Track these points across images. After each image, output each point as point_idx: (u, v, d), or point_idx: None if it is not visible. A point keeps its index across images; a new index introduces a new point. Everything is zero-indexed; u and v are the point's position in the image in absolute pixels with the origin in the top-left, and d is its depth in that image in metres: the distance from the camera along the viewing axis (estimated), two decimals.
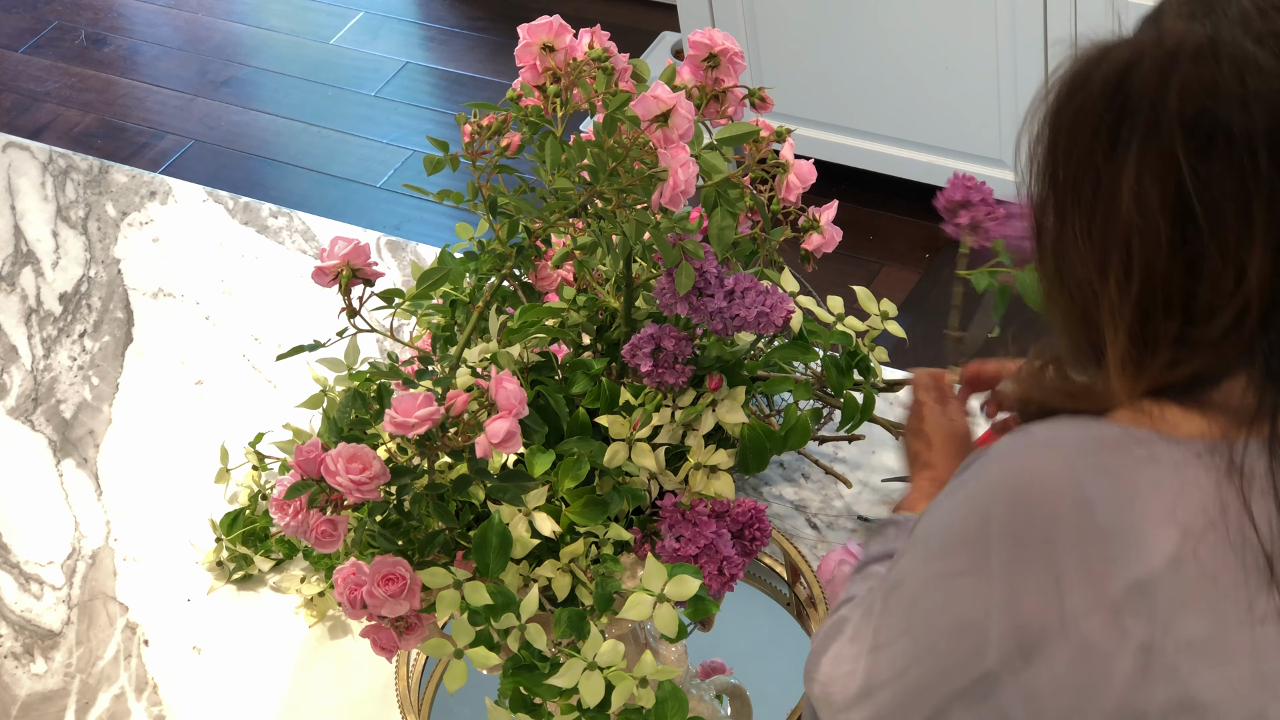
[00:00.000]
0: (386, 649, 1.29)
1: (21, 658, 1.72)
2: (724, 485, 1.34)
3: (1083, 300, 1.07)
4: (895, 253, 3.27)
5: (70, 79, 4.09)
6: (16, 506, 1.87)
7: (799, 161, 1.34)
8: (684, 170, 1.19)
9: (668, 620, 1.24)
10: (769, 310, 1.28)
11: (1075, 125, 1.07)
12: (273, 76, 4.02)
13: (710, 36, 1.36)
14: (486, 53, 3.98)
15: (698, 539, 1.29)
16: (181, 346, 2.02)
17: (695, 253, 1.26)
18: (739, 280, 1.28)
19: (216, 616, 1.72)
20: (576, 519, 1.30)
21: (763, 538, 1.34)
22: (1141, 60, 1.06)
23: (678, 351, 1.30)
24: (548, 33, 1.32)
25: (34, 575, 1.80)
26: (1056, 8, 2.84)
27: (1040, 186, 1.10)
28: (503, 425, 1.18)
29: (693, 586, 1.24)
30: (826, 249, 1.40)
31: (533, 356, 1.36)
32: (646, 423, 1.32)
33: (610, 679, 1.24)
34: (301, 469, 1.23)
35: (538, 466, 1.30)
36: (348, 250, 1.29)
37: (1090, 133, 1.05)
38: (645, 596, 1.24)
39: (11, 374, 2.03)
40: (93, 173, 2.28)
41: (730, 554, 1.30)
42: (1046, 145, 1.09)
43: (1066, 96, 1.08)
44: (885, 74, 3.10)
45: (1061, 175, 1.08)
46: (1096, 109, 1.06)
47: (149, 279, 2.12)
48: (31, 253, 2.19)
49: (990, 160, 3.13)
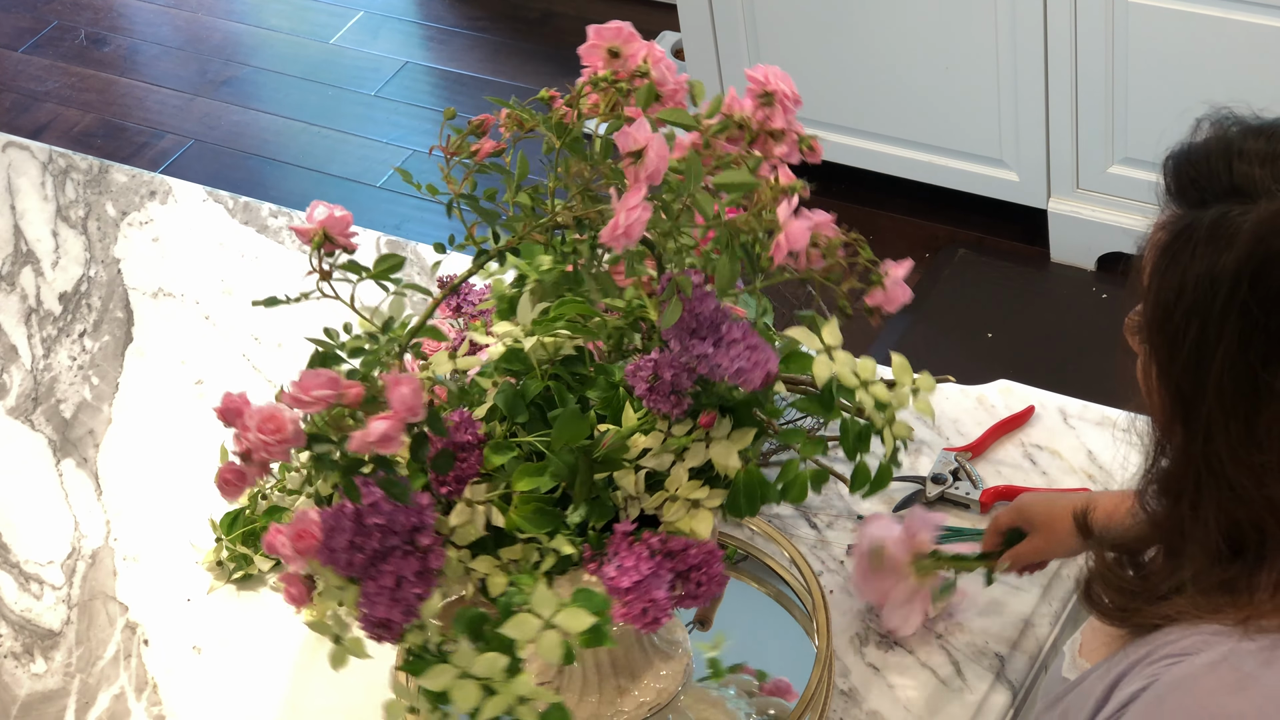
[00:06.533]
0: (296, 600, 1.30)
1: (21, 658, 1.72)
2: (701, 523, 1.28)
3: (1248, 510, 1.03)
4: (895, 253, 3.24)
5: (70, 79, 4.09)
6: (16, 506, 1.87)
7: (795, 222, 1.24)
8: (628, 215, 1.15)
9: (551, 646, 1.21)
10: (749, 368, 1.23)
11: (1206, 336, 1.01)
12: (273, 76, 4.02)
13: (766, 75, 1.30)
14: (486, 53, 3.98)
15: (634, 573, 1.24)
16: (181, 346, 2.02)
17: (684, 288, 1.21)
18: (732, 329, 1.23)
19: (216, 616, 1.72)
20: (520, 522, 1.27)
21: (710, 585, 1.28)
22: None
23: (675, 383, 1.25)
24: (616, 38, 1.29)
25: (34, 575, 1.80)
26: (1056, 8, 2.84)
27: (1165, 401, 1.05)
28: (381, 426, 1.16)
29: (585, 622, 1.20)
30: (888, 308, 1.30)
31: (567, 349, 1.34)
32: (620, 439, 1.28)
33: (491, 687, 1.21)
34: (221, 415, 1.22)
35: (494, 460, 1.28)
36: (325, 217, 1.29)
37: (1235, 341, 1.00)
38: (531, 619, 1.21)
39: (11, 374, 2.03)
40: (93, 172, 2.28)
41: (660, 597, 1.24)
42: (1161, 362, 1.04)
43: (1176, 300, 1.02)
44: (885, 74, 3.10)
45: (1197, 392, 1.02)
46: (1234, 314, 1.00)
47: (149, 279, 2.12)
48: (31, 253, 2.19)
49: (990, 160, 3.13)
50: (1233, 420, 1.01)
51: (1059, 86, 2.94)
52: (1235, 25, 2.71)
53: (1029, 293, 3.15)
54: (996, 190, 3.17)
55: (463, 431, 1.28)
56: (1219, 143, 1.06)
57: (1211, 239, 1.00)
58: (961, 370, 1.55)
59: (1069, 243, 3.13)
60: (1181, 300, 1.02)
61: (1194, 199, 1.05)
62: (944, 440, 1.76)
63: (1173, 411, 1.05)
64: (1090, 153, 2.99)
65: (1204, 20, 2.73)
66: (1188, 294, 1.01)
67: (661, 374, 1.24)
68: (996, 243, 3.25)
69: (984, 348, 3.03)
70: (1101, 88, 2.89)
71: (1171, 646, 1.08)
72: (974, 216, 3.28)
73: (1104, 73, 2.87)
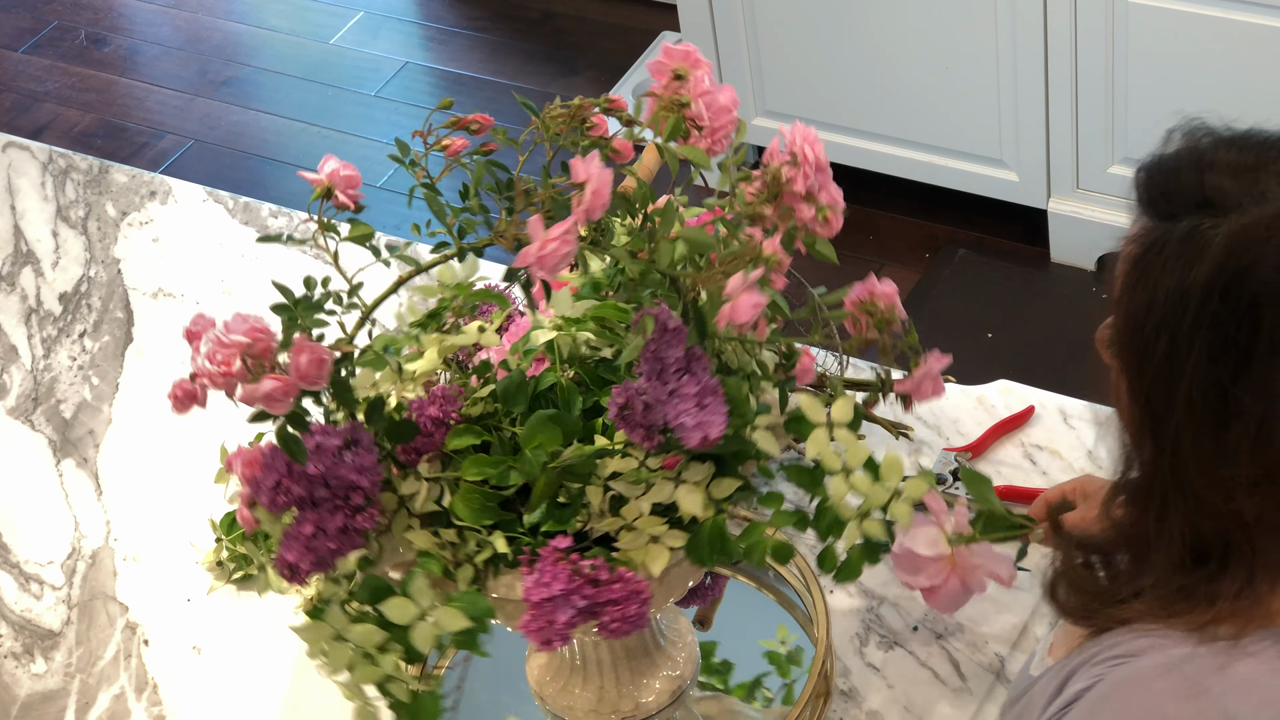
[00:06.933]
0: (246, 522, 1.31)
1: (21, 658, 1.72)
2: (655, 560, 1.25)
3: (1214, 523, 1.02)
4: (895, 253, 3.27)
5: (70, 79, 4.09)
6: (16, 506, 1.87)
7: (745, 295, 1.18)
8: (542, 246, 1.14)
9: (424, 637, 1.22)
10: (690, 426, 1.19)
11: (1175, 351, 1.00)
12: (273, 76, 4.02)
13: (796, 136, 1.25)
14: (486, 53, 3.98)
15: (544, 590, 1.21)
16: (181, 346, 2.02)
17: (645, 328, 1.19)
18: (689, 383, 1.19)
19: (216, 616, 1.72)
20: (461, 509, 1.26)
21: (623, 624, 1.24)
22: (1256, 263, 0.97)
23: (647, 416, 1.21)
24: (683, 61, 1.28)
25: (34, 575, 1.80)
26: (1056, 8, 2.84)
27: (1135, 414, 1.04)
28: (269, 385, 1.18)
29: (459, 624, 1.21)
30: (916, 398, 1.28)
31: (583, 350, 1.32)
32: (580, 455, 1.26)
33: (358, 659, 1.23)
34: (187, 333, 1.24)
35: (450, 443, 1.27)
36: (333, 170, 1.30)
37: (1204, 355, 0.99)
38: (410, 606, 1.22)
39: (11, 374, 2.03)
40: (93, 173, 2.28)
41: (560, 621, 1.21)
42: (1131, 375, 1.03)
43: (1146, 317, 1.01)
44: (885, 74, 3.10)
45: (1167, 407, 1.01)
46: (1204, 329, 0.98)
47: (149, 279, 2.12)
48: (31, 253, 2.19)
49: (990, 160, 3.13)
50: (1201, 435, 1.00)
51: (1059, 86, 2.94)
52: (1235, 25, 2.71)
53: (1029, 293, 3.15)
54: (996, 190, 3.17)
55: (435, 406, 1.28)
56: (1190, 154, 1.04)
57: (1182, 252, 0.99)
58: (961, 370, 1.55)
59: (1069, 243, 3.13)
60: (1151, 314, 1.01)
61: (1164, 211, 1.03)
62: (944, 440, 1.76)
63: (1142, 424, 1.04)
64: (1090, 153, 2.99)
65: (1204, 20, 2.73)
66: (1158, 308, 1.00)
67: (633, 403, 1.21)
68: (996, 243, 3.25)
69: (984, 348, 3.03)
70: (1101, 88, 2.89)
71: (1120, 647, 1.08)
72: (974, 216, 3.28)
73: (1104, 73, 2.87)
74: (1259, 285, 0.96)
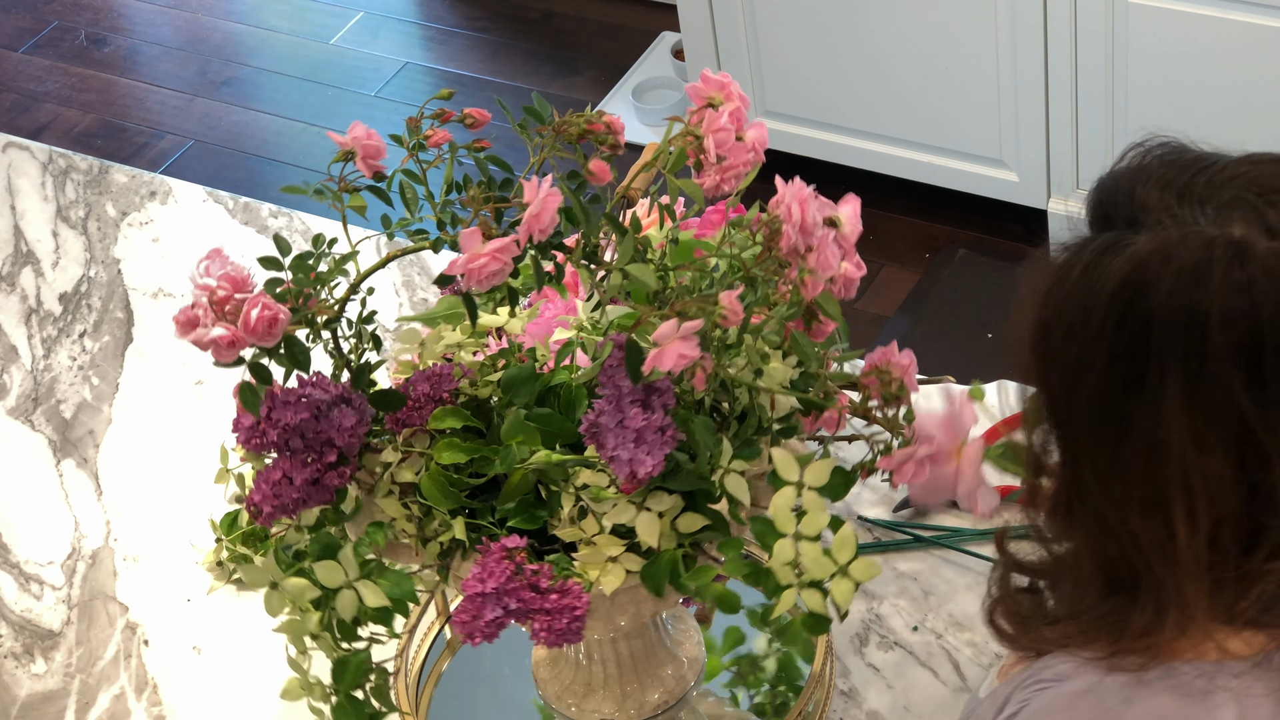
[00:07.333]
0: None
1: (21, 658, 1.72)
2: (608, 578, 1.23)
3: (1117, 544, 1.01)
4: (895, 253, 3.27)
5: (70, 79, 4.09)
6: (16, 506, 1.87)
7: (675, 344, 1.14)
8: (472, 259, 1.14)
9: (346, 604, 1.24)
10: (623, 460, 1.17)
11: (1080, 359, 0.99)
12: (273, 76, 4.02)
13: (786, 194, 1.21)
14: (486, 53, 3.98)
15: (479, 584, 1.21)
16: (181, 346, 2.02)
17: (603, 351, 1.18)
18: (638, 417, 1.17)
19: (216, 616, 1.72)
20: (427, 488, 1.26)
21: (550, 635, 1.23)
22: (1154, 282, 0.96)
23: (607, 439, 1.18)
24: (719, 90, 1.27)
25: (34, 575, 1.80)
26: (1056, 8, 2.84)
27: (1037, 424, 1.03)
28: (218, 332, 1.19)
29: (378, 600, 1.23)
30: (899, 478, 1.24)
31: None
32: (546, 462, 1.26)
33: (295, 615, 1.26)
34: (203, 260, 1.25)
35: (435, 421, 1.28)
36: (362, 134, 1.30)
37: (1103, 367, 0.98)
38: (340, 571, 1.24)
39: (11, 374, 2.03)
40: (93, 173, 2.28)
41: (487, 618, 1.21)
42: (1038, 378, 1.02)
43: (1055, 320, 1.00)
44: (885, 74, 3.10)
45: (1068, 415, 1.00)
46: (1105, 341, 0.97)
47: (149, 279, 2.12)
48: (31, 253, 2.19)
49: (990, 160, 3.13)
50: (1099, 448, 0.99)
51: (1059, 86, 2.94)
52: (1235, 25, 2.71)
53: None
54: (996, 190, 3.17)
55: (428, 383, 1.29)
56: (1132, 170, 1.04)
57: (1096, 263, 0.98)
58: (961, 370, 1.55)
59: None
60: (1060, 322, 1.00)
61: (1099, 224, 1.03)
62: None
63: (1048, 431, 1.03)
64: (1090, 153, 2.99)
65: (1204, 20, 2.73)
66: (1065, 316, 0.99)
67: (599, 423, 1.19)
68: (996, 243, 3.25)
69: (984, 348, 3.03)
70: (1101, 88, 2.89)
71: (1046, 671, 1.07)
72: (974, 216, 3.28)
73: (1104, 73, 2.87)
74: (1153, 306, 0.95)
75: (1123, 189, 1.02)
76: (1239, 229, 0.95)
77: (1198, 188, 0.99)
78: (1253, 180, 0.98)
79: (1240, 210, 0.96)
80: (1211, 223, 0.96)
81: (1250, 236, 0.95)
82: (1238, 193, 0.97)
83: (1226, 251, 0.94)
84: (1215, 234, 0.95)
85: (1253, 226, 0.95)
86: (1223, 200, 0.97)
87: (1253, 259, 0.94)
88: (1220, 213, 0.96)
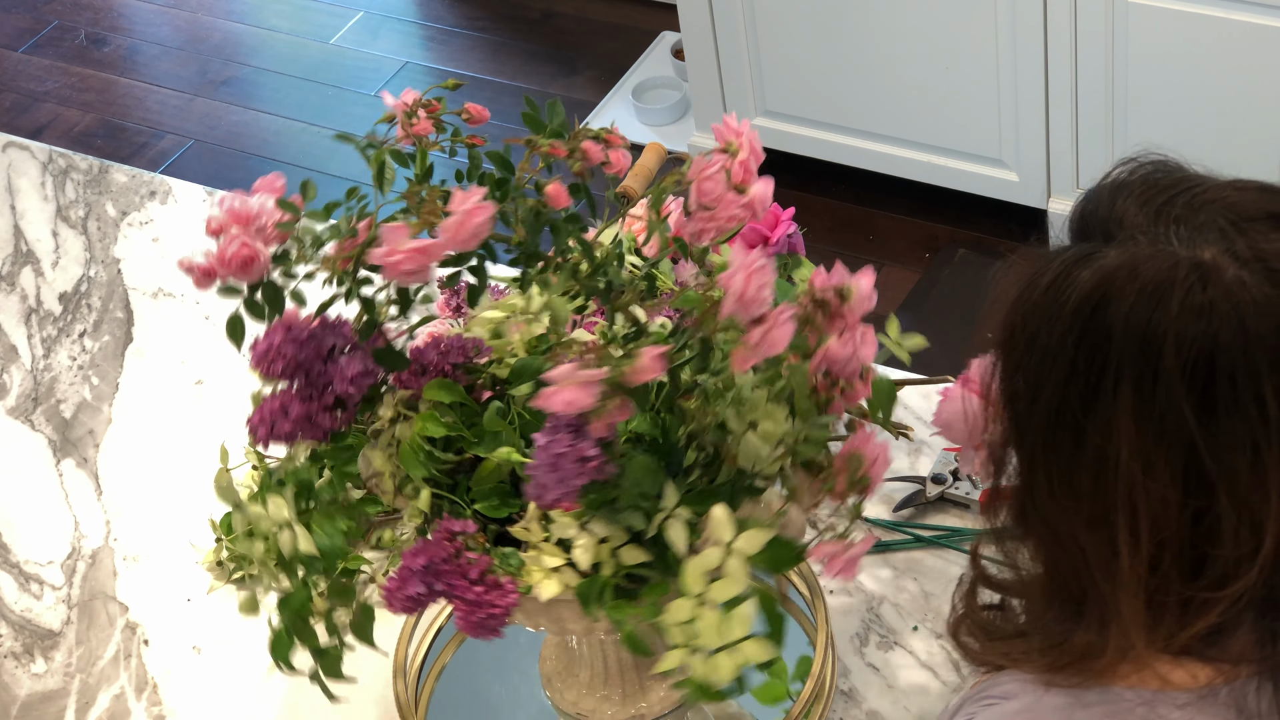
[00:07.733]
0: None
1: (21, 658, 1.72)
2: (545, 586, 1.23)
3: (1068, 557, 1.00)
4: (895, 253, 3.27)
5: (70, 79, 4.09)
6: (16, 506, 1.87)
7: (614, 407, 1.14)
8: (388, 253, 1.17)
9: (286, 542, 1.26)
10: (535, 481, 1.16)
11: (1041, 367, 0.98)
12: (273, 76, 4.02)
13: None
14: (486, 53, 3.98)
15: (414, 559, 1.22)
16: (181, 346, 2.02)
17: None
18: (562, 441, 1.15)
19: (216, 616, 1.72)
20: (405, 456, 1.27)
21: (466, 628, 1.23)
22: (1117, 297, 0.96)
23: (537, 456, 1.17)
24: (736, 136, 1.26)
25: (34, 575, 1.80)
26: (1056, 8, 2.84)
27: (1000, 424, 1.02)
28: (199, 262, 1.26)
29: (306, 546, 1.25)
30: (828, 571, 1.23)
31: None
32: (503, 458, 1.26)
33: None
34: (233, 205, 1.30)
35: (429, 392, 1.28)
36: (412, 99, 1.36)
37: (1062, 377, 0.97)
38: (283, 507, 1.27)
39: (11, 374, 2.03)
40: (93, 172, 2.28)
41: (411, 593, 1.21)
42: (1003, 380, 1.02)
43: (1021, 328, 1.00)
44: (885, 74, 3.10)
45: (1027, 420, 1.00)
46: (1067, 351, 0.97)
47: (149, 279, 2.12)
48: (31, 253, 2.19)
49: (990, 160, 3.13)
50: (1053, 458, 0.99)
51: (1059, 86, 2.94)
52: (1235, 25, 2.71)
53: None
54: (996, 190, 3.17)
55: (433, 353, 1.29)
56: (1115, 184, 1.03)
57: (1065, 274, 0.98)
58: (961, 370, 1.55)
59: None
60: (1025, 328, 1.00)
61: (1078, 235, 1.03)
62: (944, 440, 1.75)
63: (1007, 433, 1.03)
64: (1090, 153, 2.99)
65: (1204, 20, 2.73)
66: (1030, 324, 0.99)
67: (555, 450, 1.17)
68: (996, 243, 3.25)
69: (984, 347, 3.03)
70: (1101, 88, 2.89)
71: (995, 688, 1.07)
72: (974, 216, 3.28)
73: (1104, 73, 2.87)
74: (1114, 321, 0.95)
75: (1104, 202, 1.02)
76: (1208, 253, 0.95)
77: (1176, 208, 0.98)
78: (1231, 205, 0.97)
79: (1213, 234, 0.96)
80: (1183, 244, 0.96)
81: (1218, 261, 0.94)
82: (1213, 217, 0.96)
83: (1191, 274, 0.94)
84: (1183, 255, 0.95)
85: (1223, 252, 0.95)
86: (1197, 223, 0.96)
87: (1216, 284, 0.93)
88: (1193, 235, 0.96)
